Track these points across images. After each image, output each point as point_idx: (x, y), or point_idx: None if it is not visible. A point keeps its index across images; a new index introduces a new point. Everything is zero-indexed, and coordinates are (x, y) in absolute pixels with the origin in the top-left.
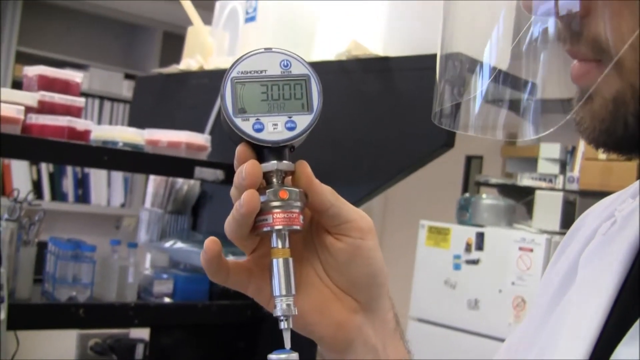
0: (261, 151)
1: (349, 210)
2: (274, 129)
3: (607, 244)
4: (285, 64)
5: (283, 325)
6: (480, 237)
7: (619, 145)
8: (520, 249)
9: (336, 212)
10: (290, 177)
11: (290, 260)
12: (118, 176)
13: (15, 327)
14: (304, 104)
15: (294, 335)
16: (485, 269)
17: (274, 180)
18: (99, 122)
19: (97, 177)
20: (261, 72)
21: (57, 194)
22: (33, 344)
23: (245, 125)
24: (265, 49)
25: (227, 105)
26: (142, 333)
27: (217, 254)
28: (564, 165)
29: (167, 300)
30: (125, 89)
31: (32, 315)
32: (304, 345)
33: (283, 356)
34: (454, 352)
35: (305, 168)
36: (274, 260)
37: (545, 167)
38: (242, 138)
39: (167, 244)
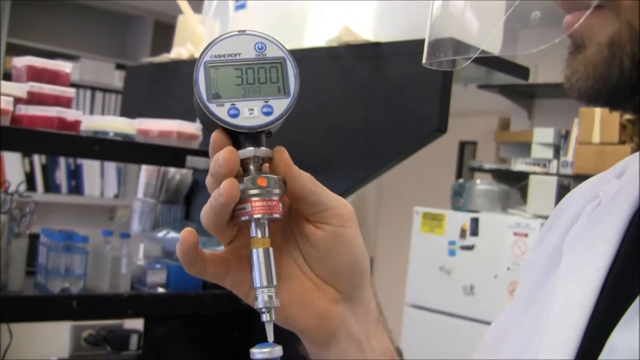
0: (237, 137)
1: (328, 197)
2: (250, 114)
3: (593, 225)
4: (260, 46)
5: (265, 317)
6: (474, 222)
7: (613, 94)
8: (515, 234)
9: (316, 199)
10: (267, 164)
11: (271, 250)
12: (111, 167)
13: (8, 319)
14: (280, 87)
15: (276, 327)
16: (480, 255)
17: (251, 167)
18: (91, 112)
19: (90, 168)
20: (235, 55)
21: (50, 186)
22: (26, 337)
23: (220, 111)
24: (239, 31)
25: (201, 90)
26: (136, 324)
27: (194, 245)
28: (557, 149)
29: (160, 290)
30: (117, 79)
31: (25, 308)
32: (287, 337)
33: (266, 350)
34: (450, 338)
35: (283, 154)
36: (254, 251)
37: (539, 151)
38: (217, 124)
39: (160, 234)
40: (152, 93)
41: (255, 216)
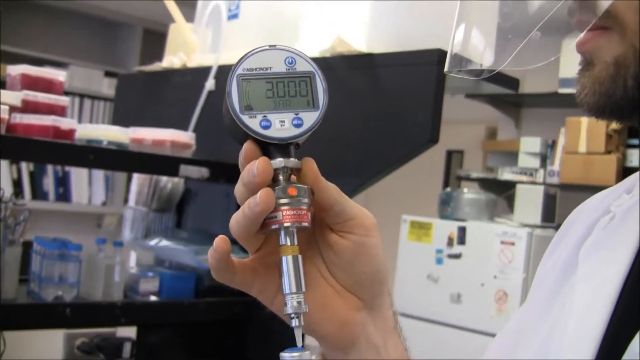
0: (267, 148)
1: (353, 207)
2: (281, 126)
3: (608, 238)
4: (290, 61)
5: (294, 322)
6: (462, 231)
7: (617, 109)
8: (502, 242)
9: (341, 209)
10: (294, 174)
11: (300, 257)
12: (99, 174)
13: (2, 327)
14: (309, 100)
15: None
16: (468, 263)
17: (280, 177)
18: (80, 120)
19: (78, 175)
20: (266, 69)
21: (38, 193)
22: (20, 345)
23: (253, 123)
24: (269, 46)
25: (234, 102)
26: (129, 332)
27: (227, 253)
28: (544, 159)
29: (153, 298)
30: (106, 86)
31: (18, 316)
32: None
33: (296, 354)
34: (437, 346)
35: (312, 165)
36: (283, 258)
37: (526, 161)
38: (248, 135)
39: (152, 242)
40: (144, 101)
41: (286, 225)
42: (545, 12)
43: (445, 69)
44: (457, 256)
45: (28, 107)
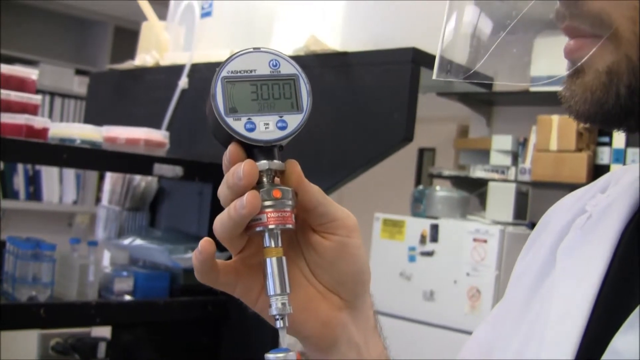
0: (251, 151)
1: (336, 208)
2: (265, 128)
3: (585, 237)
4: (274, 63)
5: (279, 324)
6: (434, 228)
7: (608, 117)
8: (474, 240)
9: (324, 210)
10: (278, 176)
11: (284, 259)
12: (70, 173)
13: None
14: (294, 103)
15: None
16: (440, 261)
17: (264, 179)
18: (51, 118)
19: (49, 174)
20: (251, 71)
21: (9, 192)
22: None
23: (237, 125)
24: (254, 48)
25: (219, 104)
26: (103, 331)
27: (212, 255)
28: (516, 156)
29: (128, 298)
30: (77, 84)
31: None
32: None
33: (280, 355)
34: (410, 344)
35: (296, 167)
36: (268, 260)
37: (498, 158)
38: (233, 137)
39: (126, 241)
40: (116, 100)
41: (270, 227)
42: (522, 12)
43: (434, 76)
44: (430, 254)
45: (1, 106)
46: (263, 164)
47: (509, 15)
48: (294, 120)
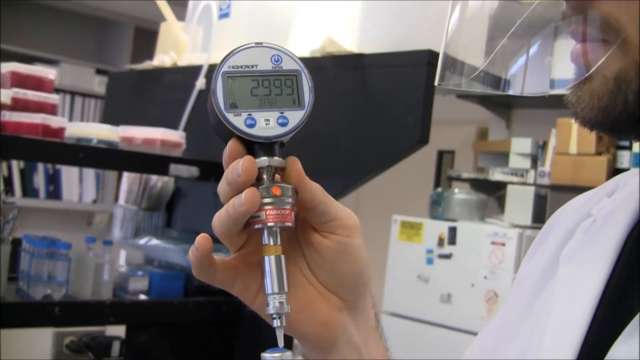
0: (251, 147)
1: (337, 207)
2: (266, 124)
3: (589, 242)
4: (276, 59)
5: (276, 323)
6: (452, 231)
7: (616, 125)
8: (492, 243)
9: (325, 209)
10: (278, 173)
11: (282, 257)
12: (90, 172)
13: None
14: (295, 99)
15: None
16: (458, 263)
17: (264, 176)
18: (71, 118)
19: (69, 173)
20: (252, 66)
21: (28, 190)
22: (8, 343)
23: (237, 121)
24: (256, 43)
25: (219, 99)
26: (118, 330)
27: (209, 251)
28: (535, 159)
29: (142, 297)
30: (97, 84)
31: (6, 314)
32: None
33: (277, 355)
34: (427, 346)
35: (296, 164)
36: (266, 258)
37: (517, 161)
38: (233, 133)
39: (142, 241)
40: (134, 100)
41: (269, 224)
42: (538, 19)
43: (436, 82)
44: (448, 256)
45: (18, 105)
46: (263, 160)
47: (528, 18)
48: (295, 117)
